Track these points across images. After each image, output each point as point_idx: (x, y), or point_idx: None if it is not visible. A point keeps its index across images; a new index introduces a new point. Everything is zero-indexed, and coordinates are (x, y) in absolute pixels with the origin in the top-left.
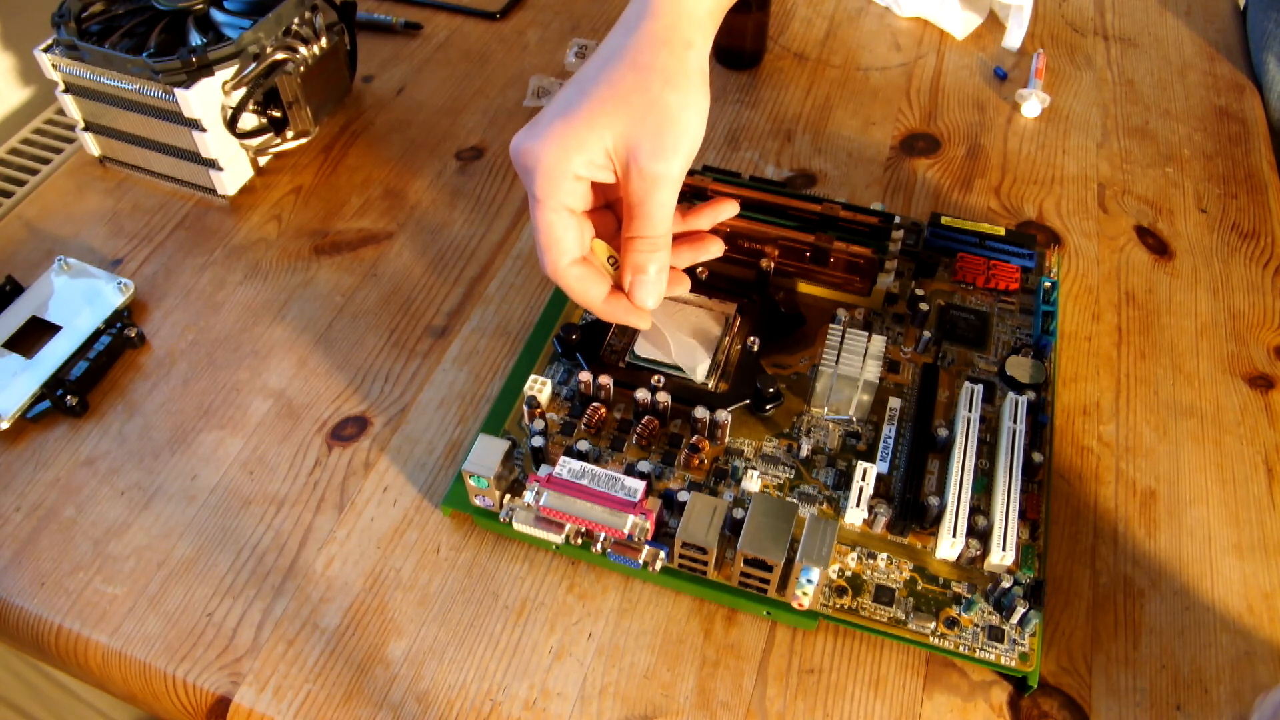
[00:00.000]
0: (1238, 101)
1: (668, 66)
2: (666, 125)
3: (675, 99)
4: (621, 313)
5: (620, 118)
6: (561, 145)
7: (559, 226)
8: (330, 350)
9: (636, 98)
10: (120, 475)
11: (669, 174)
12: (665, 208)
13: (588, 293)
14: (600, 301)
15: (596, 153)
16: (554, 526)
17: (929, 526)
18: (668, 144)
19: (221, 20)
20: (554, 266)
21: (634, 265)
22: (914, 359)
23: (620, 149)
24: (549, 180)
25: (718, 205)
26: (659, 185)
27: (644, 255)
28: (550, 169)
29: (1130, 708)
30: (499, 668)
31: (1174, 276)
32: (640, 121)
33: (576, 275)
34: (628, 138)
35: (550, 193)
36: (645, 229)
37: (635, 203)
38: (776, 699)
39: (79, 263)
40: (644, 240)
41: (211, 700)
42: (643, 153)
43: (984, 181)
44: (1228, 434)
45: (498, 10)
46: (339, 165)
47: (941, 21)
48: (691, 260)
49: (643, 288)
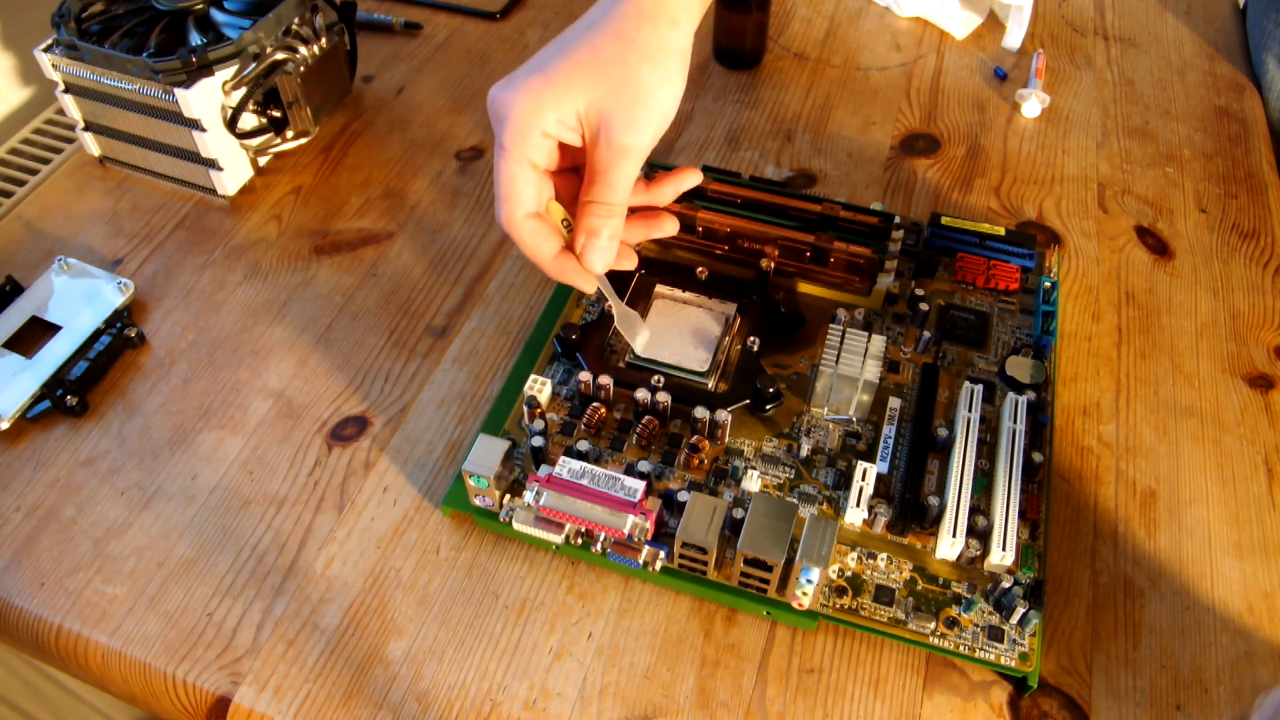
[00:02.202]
0: (1238, 101)
1: (649, 42)
2: (640, 100)
3: (652, 75)
4: (569, 272)
5: (596, 85)
6: (535, 100)
7: (520, 178)
8: (330, 350)
9: (615, 68)
10: (120, 475)
11: (636, 147)
12: (627, 178)
13: (539, 247)
14: (550, 258)
15: (568, 114)
16: (554, 526)
17: (929, 526)
18: (639, 118)
19: (221, 20)
20: (509, 216)
21: (588, 229)
22: (914, 359)
23: (592, 115)
24: (518, 131)
25: (680, 175)
26: (625, 156)
27: (599, 220)
28: (520, 120)
29: (1130, 708)
30: (499, 668)
31: (1174, 276)
32: (615, 92)
33: (529, 228)
34: (600, 106)
35: (517, 143)
36: (604, 195)
37: (599, 169)
38: (776, 699)
39: (79, 263)
40: (601, 205)
41: (211, 700)
42: (613, 123)
43: (984, 181)
44: (1228, 434)
45: (498, 10)
46: (339, 165)
47: (941, 21)
48: (644, 235)
49: (593, 251)
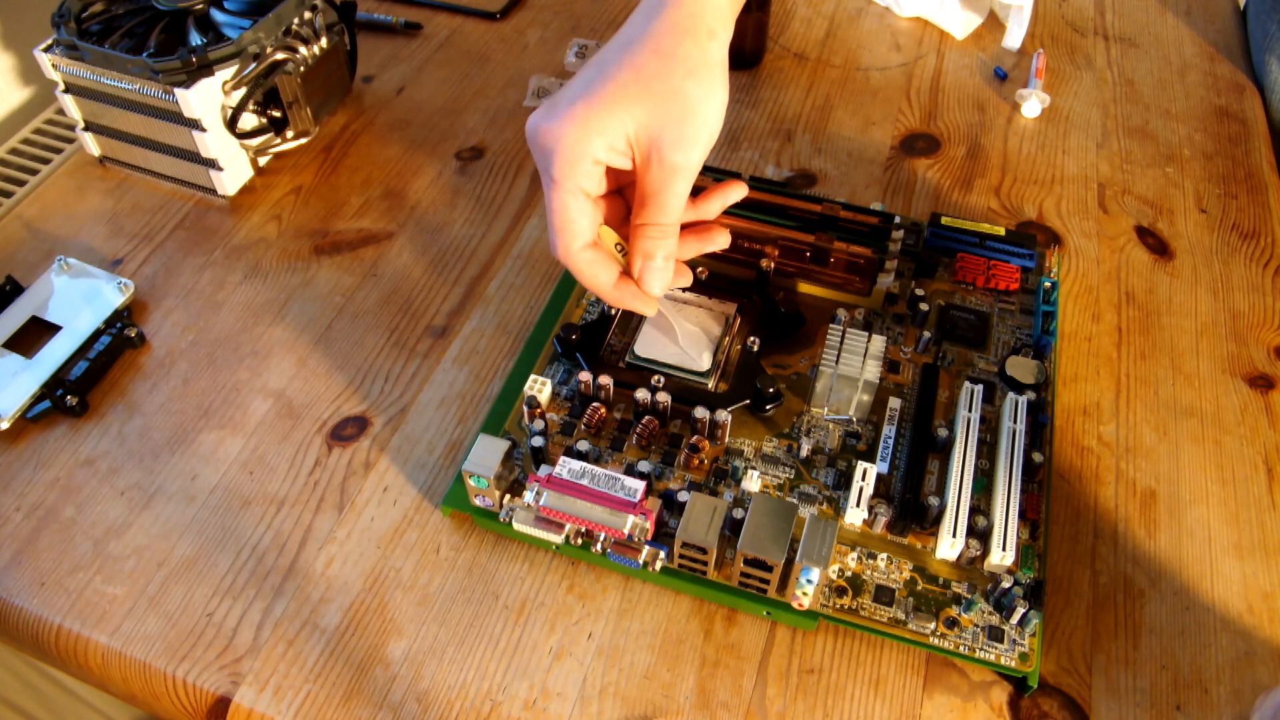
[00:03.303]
0: (1238, 101)
1: (690, 55)
2: (688, 115)
3: (697, 89)
4: (629, 299)
5: (643, 105)
6: (583, 128)
7: (574, 209)
8: (330, 350)
9: (659, 85)
10: (120, 475)
11: (688, 164)
12: (680, 198)
13: (597, 277)
14: (609, 287)
15: (617, 138)
16: (554, 526)
17: (929, 526)
18: (688, 134)
19: (221, 20)
20: (565, 250)
21: (644, 252)
22: (914, 359)
23: (642, 137)
24: (567, 162)
25: (726, 189)
26: (678, 175)
27: (654, 242)
28: (569, 151)
29: (1130, 708)
30: (499, 668)
31: (1174, 276)
32: (663, 110)
33: (588, 260)
34: (650, 126)
35: (568, 174)
36: (658, 216)
37: (651, 191)
38: (776, 699)
39: (79, 263)
40: (655, 228)
41: (211, 700)
42: (665, 142)
43: (984, 181)
44: (1228, 434)
45: (498, 10)
46: (339, 165)
47: (941, 21)
48: (697, 251)
49: (651, 274)
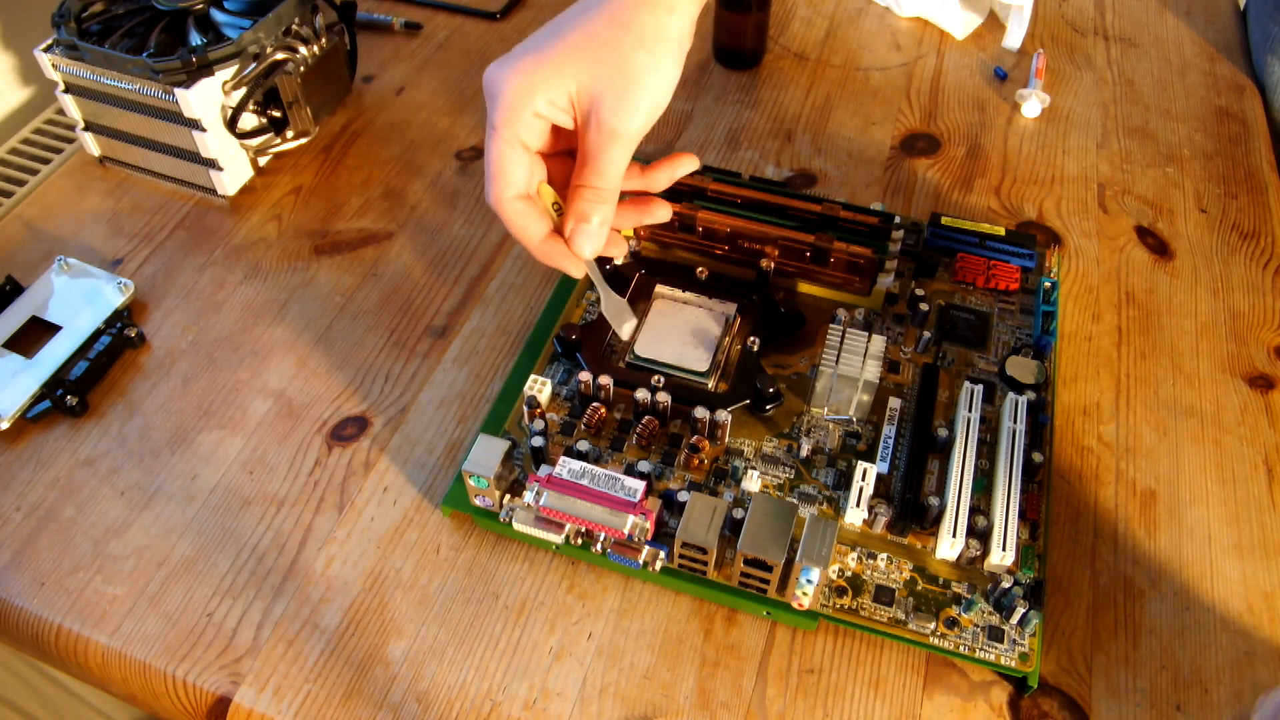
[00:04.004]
0: (1238, 101)
1: (645, 27)
2: (631, 84)
3: (645, 60)
4: (557, 256)
5: (588, 67)
6: (527, 79)
7: (509, 158)
8: (330, 350)
9: (607, 52)
10: (120, 475)
11: (626, 132)
12: (618, 164)
13: (526, 229)
14: (537, 240)
15: (559, 95)
16: (554, 526)
17: (929, 526)
18: (629, 102)
19: (221, 20)
20: (497, 196)
21: (578, 213)
22: (914, 359)
23: (583, 98)
24: (509, 110)
25: (675, 160)
26: (615, 141)
27: (589, 204)
28: (511, 99)
29: (1130, 708)
30: (499, 668)
31: (1174, 276)
32: (607, 76)
33: (518, 209)
34: (592, 89)
35: (507, 123)
36: (595, 179)
37: (589, 153)
38: (776, 699)
39: (79, 263)
40: (592, 190)
41: (211, 700)
42: (604, 106)
43: (984, 181)
44: (1228, 434)
45: (498, 10)
46: (339, 165)
47: (941, 21)
48: (635, 222)
49: (583, 235)
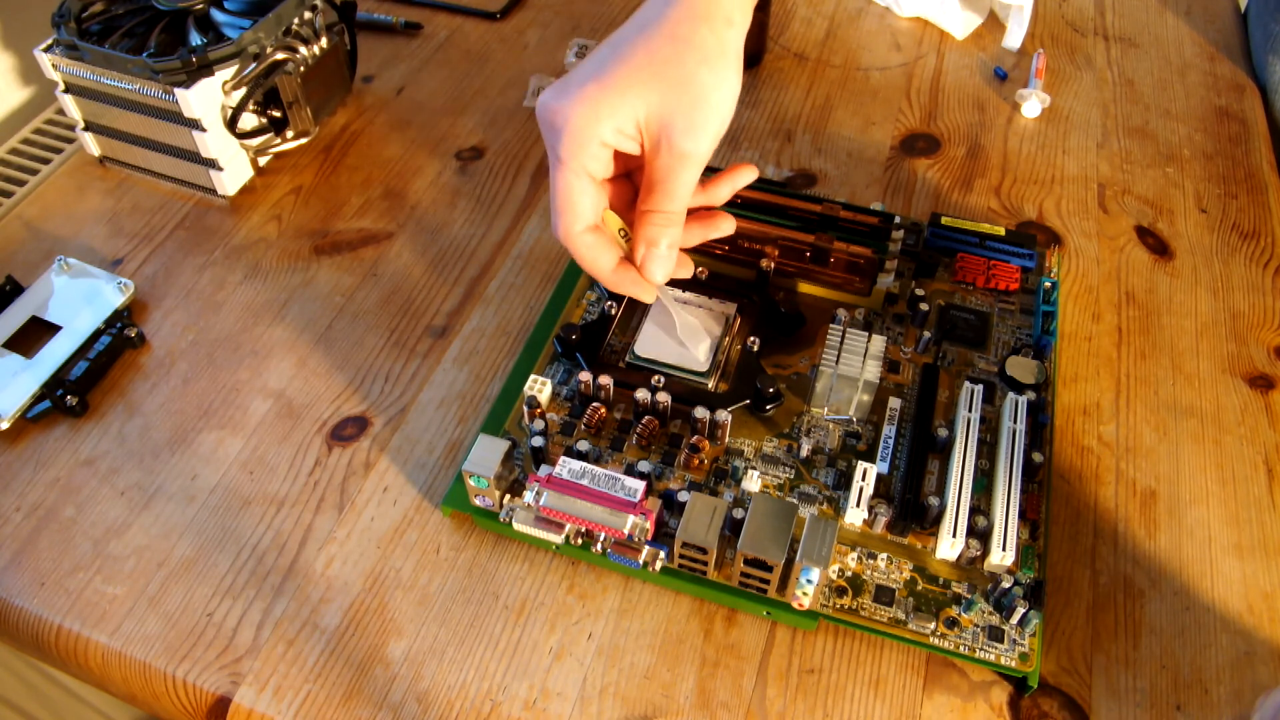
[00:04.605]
0: (1238, 101)
1: (706, 43)
2: (699, 103)
3: (711, 77)
4: (629, 284)
5: (655, 90)
6: (593, 109)
7: (577, 190)
8: (330, 350)
9: (672, 71)
10: (120, 475)
11: (698, 152)
12: (688, 185)
13: (597, 260)
14: (609, 271)
15: (627, 122)
16: (554, 526)
17: (929, 526)
18: (698, 122)
19: (221, 20)
20: (567, 231)
21: (648, 239)
22: (914, 359)
23: (652, 122)
24: (575, 143)
25: (736, 172)
26: (687, 163)
27: (659, 229)
28: (578, 131)
29: (1130, 708)
30: (499, 668)
31: (1174, 276)
32: (674, 97)
33: (588, 243)
34: (661, 112)
35: (574, 155)
36: (664, 204)
37: (659, 178)
38: (776, 699)
39: (79, 263)
40: (661, 215)
41: (211, 700)
42: (675, 129)
43: (984, 181)
44: (1228, 434)
45: (498, 10)
46: (339, 165)
47: (941, 21)
48: (702, 238)
49: (654, 261)
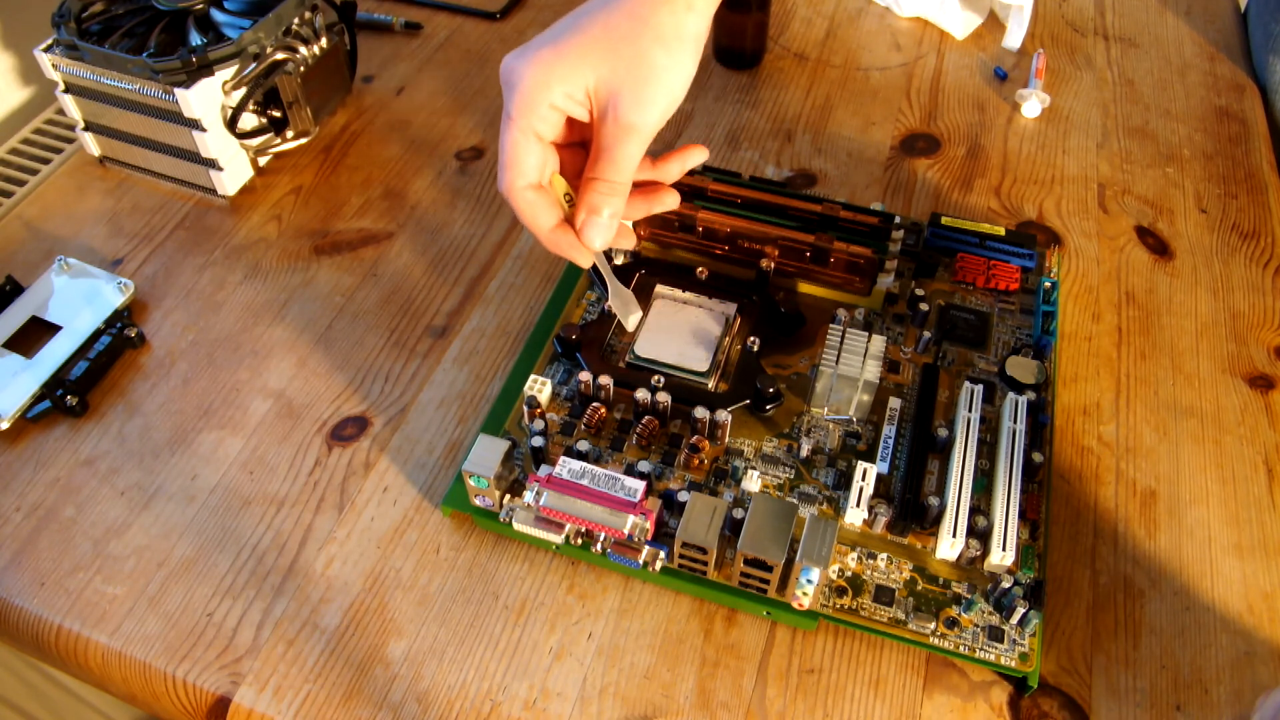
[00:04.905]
0: (1238, 101)
1: (663, 24)
2: (649, 80)
3: (663, 58)
4: (566, 245)
5: (606, 61)
6: (545, 71)
7: (523, 147)
8: (330, 350)
9: (626, 47)
10: (120, 475)
11: (643, 126)
12: (632, 158)
13: (537, 218)
14: (547, 229)
15: (576, 88)
16: (554, 526)
17: (929, 526)
18: (645, 97)
19: (221, 20)
20: (510, 185)
21: (590, 205)
22: (914, 359)
23: (601, 92)
24: (525, 101)
25: (685, 152)
26: (631, 135)
27: (601, 197)
28: (528, 91)
29: (1130, 708)
30: (499, 668)
31: (1174, 276)
32: (625, 71)
33: (529, 199)
34: (610, 83)
35: (523, 113)
36: (608, 172)
37: (604, 146)
38: (776, 699)
39: (79, 263)
40: (604, 183)
41: (211, 700)
42: (621, 101)
43: (984, 181)
44: (1228, 434)
45: (498, 10)
46: (339, 165)
47: (941, 21)
48: (645, 211)
49: (593, 228)
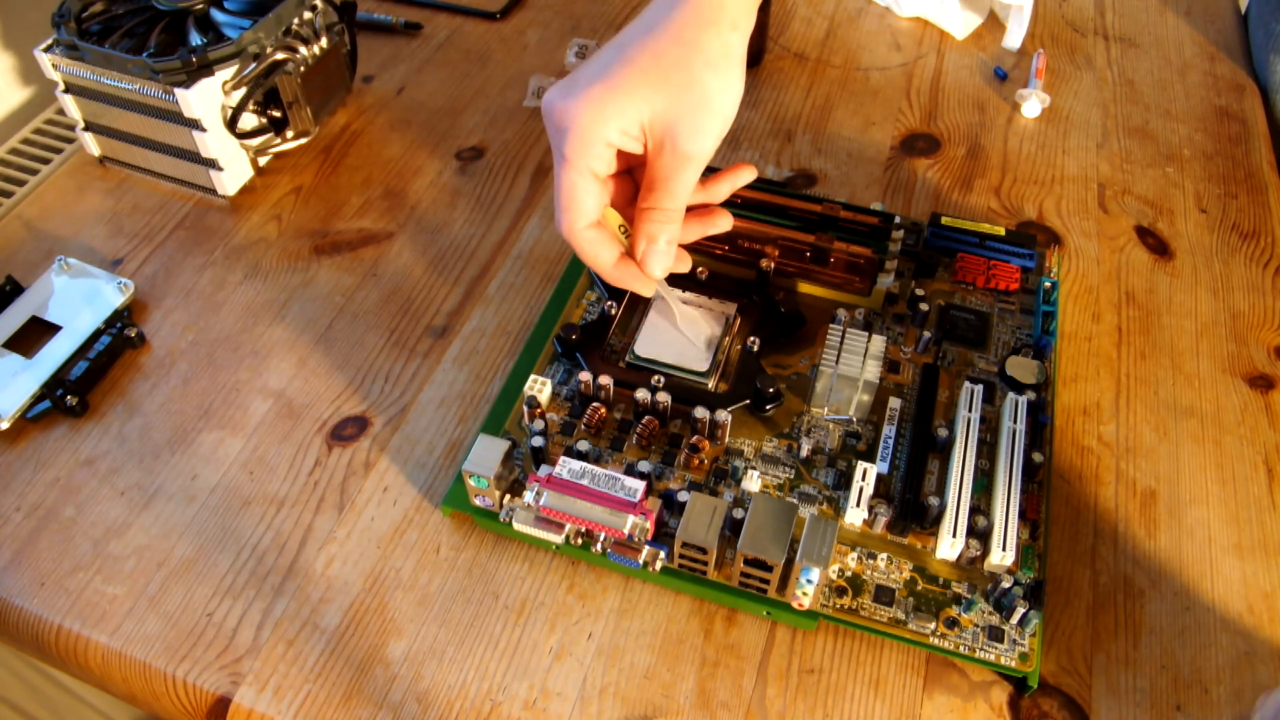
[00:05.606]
0: (1238, 101)
1: (711, 47)
2: (703, 106)
3: (715, 81)
4: (629, 278)
5: (659, 92)
6: (599, 110)
7: (581, 188)
8: (330, 350)
9: (678, 74)
10: (120, 475)
11: (700, 153)
12: (688, 185)
13: (599, 256)
14: (610, 266)
15: (631, 124)
16: (554, 526)
17: (929, 526)
18: (702, 124)
19: (221, 20)
20: (570, 227)
21: (648, 235)
22: (914, 359)
23: (656, 124)
24: (581, 143)
25: (736, 172)
26: (689, 163)
27: (658, 226)
28: (584, 132)
29: (1130, 708)
30: (499, 668)
31: (1174, 276)
32: (679, 100)
33: (591, 238)
34: (665, 115)
35: (580, 154)
36: (665, 202)
37: (661, 177)
38: (776, 699)
39: (79, 263)
40: (661, 212)
41: (211, 700)
42: (679, 132)
43: (984, 181)
44: (1228, 434)
45: (498, 10)
46: (339, 165)
47: (941, 21)
48: (700, 234)
49: (653, 256)
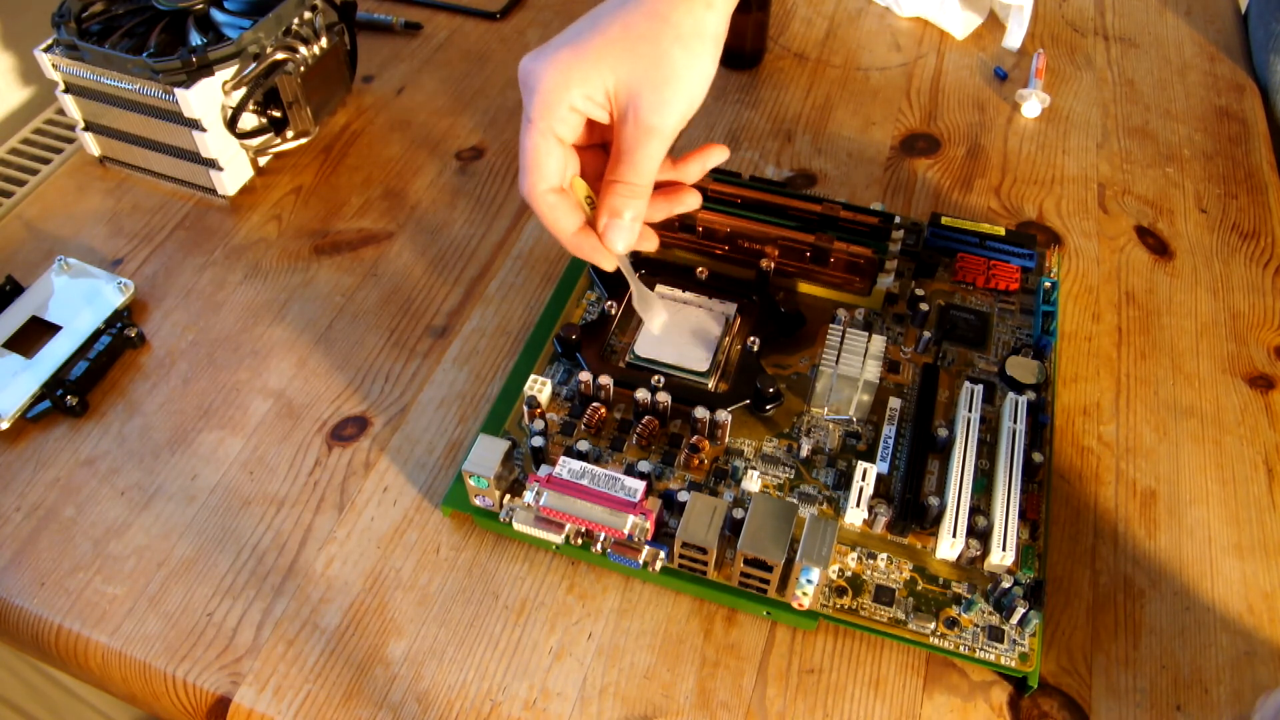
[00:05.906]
0: (1238, 101)
1: (683, 23)
2: (669, 80)
3: (684, 56)
4: (589, 249)
5: (626, 62)
6: (564, 73)
7: (543, 150)
8: (330, 350)
9: (646, 47)
10: (120, 475)
11: (663, 128)
12: (653, 159)
13: (559, 221)
14: (570, 233)
15: (596, 90)
16: (554, 526)
17: (929, 526)
18: (666, 98)
19: (221, 20)
20: (531, 188)
21: (611, 208)
22: (914, 359)
23: (620, 93)
24: (545, 104)
25: (706, 151)
26: (651, 137)
27: (622, 200)
28: (548, 93)
29: (1130, 708)
30: (499, 668)
31: (1174, 276)
32: (645, 72)
33: (551, 202)
34: (630, 84)
35: (543, 115)
36: (629, 175)
37: (625, 149)
38: (776, 699)
39: (79, 263)
40: (625, 185)
41: (211, 700)
42: (642, 103)
43: (984, 181)
44: (1228, 434)
45: (498, 10)
46: (339, 165)
47: (941, 21)
48: (667, 213)
49: (615, 231)
